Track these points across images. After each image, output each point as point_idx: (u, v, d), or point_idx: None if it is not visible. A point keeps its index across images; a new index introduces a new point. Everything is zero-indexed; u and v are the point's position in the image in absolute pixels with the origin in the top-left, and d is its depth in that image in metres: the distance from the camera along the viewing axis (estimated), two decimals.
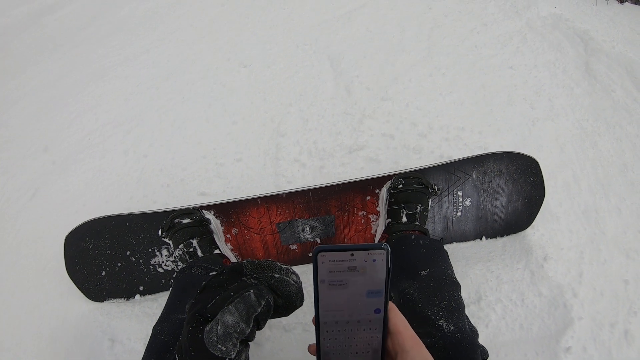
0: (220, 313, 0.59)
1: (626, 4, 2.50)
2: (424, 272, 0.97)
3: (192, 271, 1.06)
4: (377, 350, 0.57)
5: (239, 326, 0.58)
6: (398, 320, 0.58)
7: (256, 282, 0.62)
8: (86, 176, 1.64)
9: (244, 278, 0.62)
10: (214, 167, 1.59)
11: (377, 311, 0.54)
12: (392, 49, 2.12)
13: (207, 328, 0.58)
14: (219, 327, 0.58)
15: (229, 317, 0.58)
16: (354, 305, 0.53)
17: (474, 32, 2.21)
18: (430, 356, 0.58)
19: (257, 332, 0.64)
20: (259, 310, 0.60)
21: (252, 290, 0.60)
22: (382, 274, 0.51)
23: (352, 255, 0.50)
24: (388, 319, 0.56)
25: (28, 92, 2.19)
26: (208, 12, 2.71)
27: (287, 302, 0.64)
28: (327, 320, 0.54)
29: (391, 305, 0.57)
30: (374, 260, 0.50)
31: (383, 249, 0.49)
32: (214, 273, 1.05)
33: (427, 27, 2.27)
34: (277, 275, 0.63)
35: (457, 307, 0.90)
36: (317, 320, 0.55)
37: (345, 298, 0.52)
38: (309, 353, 0.61)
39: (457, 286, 0.97)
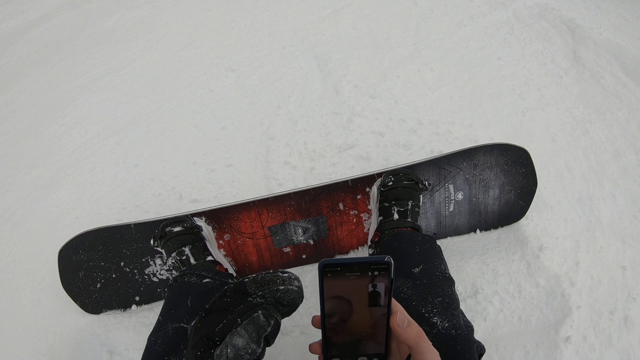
0: (229, 336, 0.58)
1: None
2: (417, 269, 0.97)
3: (185, 279, 1.05)
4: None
5: (250, 347, 0.58)
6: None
7: (262, 300, 0.61)
8: (78, 189, 1.63)
9: (249, 299, 0.61)
10: (205, 173, 1.58)
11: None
12: (379, 46, 2.12)
13: (217, 352, 0.58)
14: (229, 350, 0.57)
15: (239, 340, 0.58)
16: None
17: (461, 26, 2.21)
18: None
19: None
20: (269, 330, 0.60)
21: (260, 312, 0.59)
22: (386, 285, 0.51)
23: (356, 268, 0.49)
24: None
25: (17, 108, 2.18)
26: (194, 18, 2.70)
27: (292, 307, 0.64)
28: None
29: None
30: (378, 273, 0.50)
31: (386, 262, 0.49)
32: (208, 281, 1.05)
33: (413, 23, 2.27)
34: (281, 288, 0.62)
35: (451, 303, 0.89)
36: (322, 326, 0.54)
37: (351, 307, 0.53)
38: (310, 353, 0.61)
39: (450, 282, 0.96)
